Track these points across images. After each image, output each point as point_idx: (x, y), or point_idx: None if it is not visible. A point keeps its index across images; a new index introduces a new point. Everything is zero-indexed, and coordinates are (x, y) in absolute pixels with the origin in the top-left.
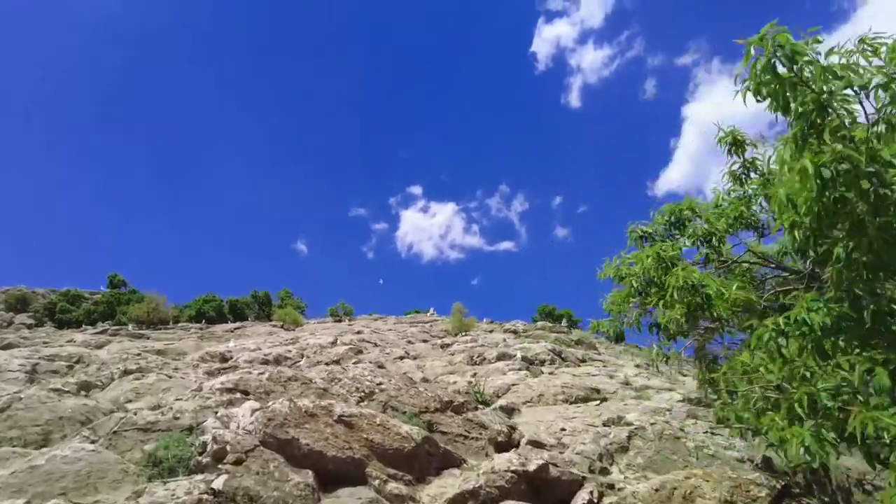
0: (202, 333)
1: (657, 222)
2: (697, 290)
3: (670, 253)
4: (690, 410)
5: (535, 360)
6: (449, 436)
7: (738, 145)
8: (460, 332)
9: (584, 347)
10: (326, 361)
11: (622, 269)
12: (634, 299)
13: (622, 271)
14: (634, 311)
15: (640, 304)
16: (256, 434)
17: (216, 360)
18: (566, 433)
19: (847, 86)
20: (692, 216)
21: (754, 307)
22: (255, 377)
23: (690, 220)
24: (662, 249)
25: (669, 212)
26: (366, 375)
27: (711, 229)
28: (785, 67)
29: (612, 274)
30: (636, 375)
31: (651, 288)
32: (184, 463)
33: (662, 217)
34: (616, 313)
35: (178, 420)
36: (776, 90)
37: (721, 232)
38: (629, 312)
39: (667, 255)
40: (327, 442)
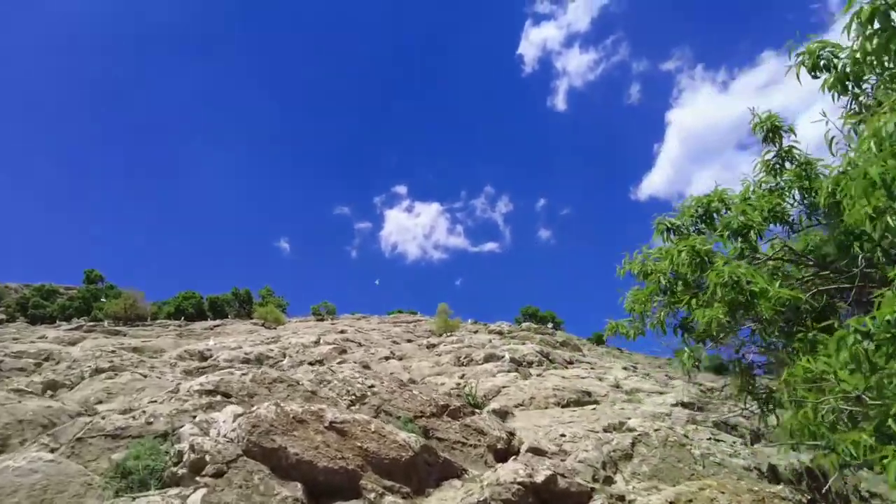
0: (181, 331)
1: (685, 214)
2: (741, 287)
3: (705, 247)
4: (690, 415)
5: (523, 361)
6: (446, 443)
7: (775, 132)
8: (445, 333)
9: (570, 349)
10: (310, 361)
11: (648, 265)
12: (659, 297)
13: (648, 266)
14: (662, 311)
15: (667, 303)
16: (239, 442)
17: (195, 358)
18: (566, 439)
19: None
20: (722, 208)
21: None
22: (237, 378)
23: (719, 211)
24: (698, 243)
25: (697, 203)
26: (356, 377)
27: (748, 222)
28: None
29: (635, 270)
30: (626, 378)
31: (678, 285)
32: (156, 475)
33: (689, 209)
34: (639, 312)
35: (151, 425)
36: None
37: (758, 225)
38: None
39: (702, 250)
40: (318, 451)
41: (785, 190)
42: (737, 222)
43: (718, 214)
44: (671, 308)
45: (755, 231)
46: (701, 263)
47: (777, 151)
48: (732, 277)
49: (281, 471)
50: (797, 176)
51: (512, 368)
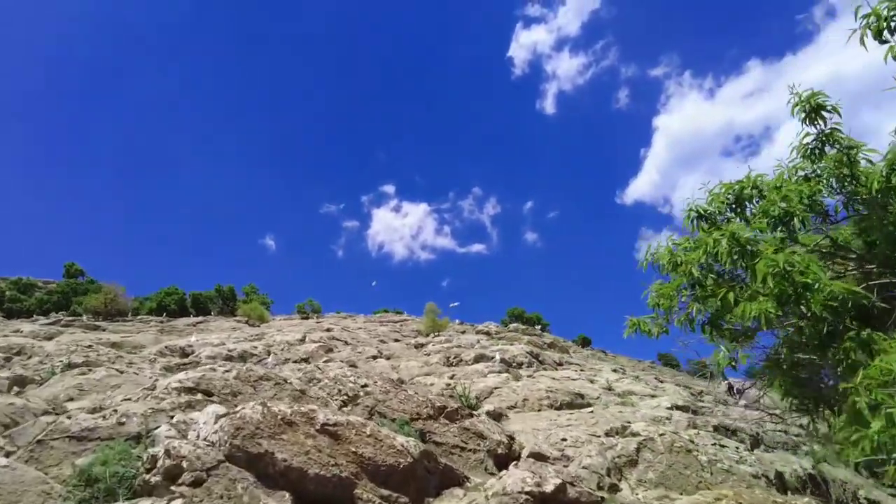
0: (162, 327)
1: (715, 201)
2: (793, 278)
3: (747, 234)
4: (690, 419)
5: (513, 362)
6: (444, 447)
7: (818, 112)
8: (433, 333)
9: (558, 351)
10: (295, 359)
11: (678, 255)
12: (687, 292)
13: (678, 257)
14: (692, 306)
15: (699, 297)
16: (221, 446)
17: (176, 354)
18: (567, 444)
19: None
20: (755, 195)
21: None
22: (219, 375)
23: (751, 199)
24: (739, 230)
25: (727, 190)
26: (348, 376)
27: (790, 209)
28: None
29: (664, 261)
30: (617, 380)
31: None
32: (126, 483)
33: (718, 196)
34: (666, 308)
35: (123, 426)
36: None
37: (802, 213)
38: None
39: (743, 238)
40: (308, 457)
41: (823, 177)
42: (777, 209)
43: (750, 202)
44: (704, 303)
45: (798, 219)
46: (742, 252)
47: (817, 134)
48: (785, 267)
49: (267, 479)
50: (838, 162)
51: (503, 369)
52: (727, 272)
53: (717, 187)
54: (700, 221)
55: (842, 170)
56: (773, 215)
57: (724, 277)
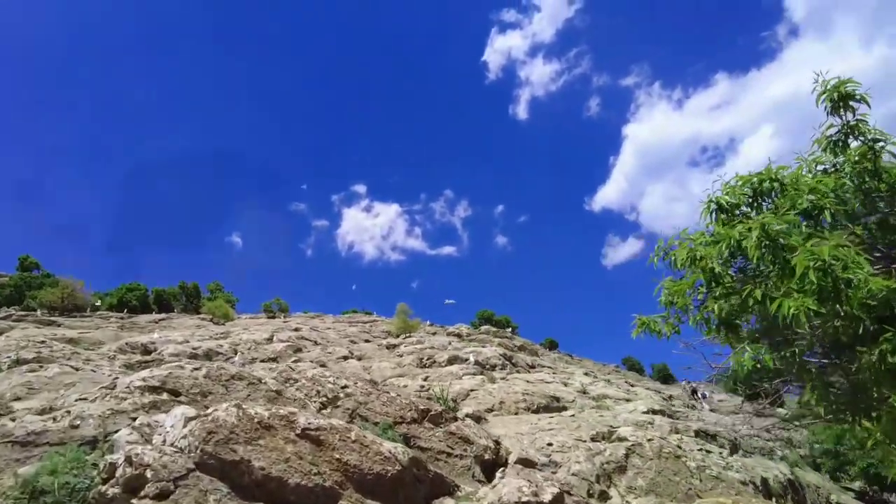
0: (123, 323)
1: (735, 193)
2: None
3: (779, 226)
4: (672, 424)
5: (487, 364)
6: (430, 453)
7: (846, 102)
8: (404, 334)
9: (528, 353)
10: (263, 359)
11: (697, 249)
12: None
13: (696, 251)
14: (713, 303)
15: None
16: (191, 453)
17: (137, 351)
18: (554, 449)
19: None
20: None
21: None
22: (188, 373)
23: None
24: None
25: (745, 182)
26: (327, 376)
27: (820, 202)
28: None
29: (682, 256)
30: (591, 384)
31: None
32: (78, 495)
33: (735, 189)
34: (680, 307)
35: (76, 429)
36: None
37: (832, 205)
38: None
39: (774, 231)
40: (288, 465)
41: (845, 172)
42: (805, 202)
43: (768, 196)
44: (726, 300)
45: (829, 213)
46: (772, 246)
47: (841, 126)
48: (830, 261)
49: (243, 490)
50: (861, 155)
51: (478, 371)
52: (751, 268)
53: (734, 179)
54: (719, 214)
55: (864, 164)
56: (802, 208)
57: (747, 273)
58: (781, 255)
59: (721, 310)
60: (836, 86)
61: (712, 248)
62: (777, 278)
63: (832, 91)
